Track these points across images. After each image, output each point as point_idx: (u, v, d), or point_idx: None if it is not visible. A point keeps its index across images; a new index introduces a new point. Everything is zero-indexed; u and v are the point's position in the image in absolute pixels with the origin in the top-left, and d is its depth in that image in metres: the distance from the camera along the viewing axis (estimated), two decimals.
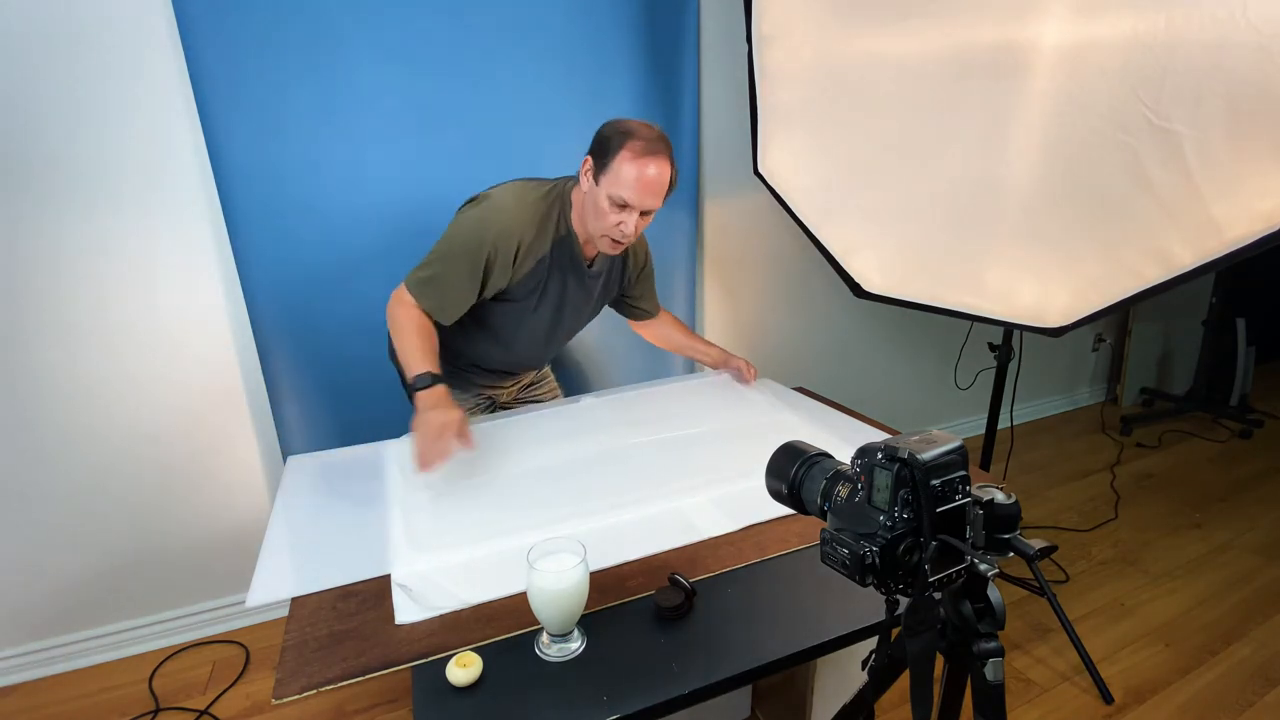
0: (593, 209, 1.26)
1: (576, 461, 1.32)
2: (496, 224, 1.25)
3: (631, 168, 1.19)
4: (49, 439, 1.61)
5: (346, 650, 0.84)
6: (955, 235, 1.64)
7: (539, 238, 1.30)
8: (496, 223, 1.25)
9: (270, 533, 1.10)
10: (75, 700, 1.65)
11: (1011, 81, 1.41)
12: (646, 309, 1.64)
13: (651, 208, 1.25)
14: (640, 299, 1.61)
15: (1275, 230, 1.16)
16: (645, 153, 1.20)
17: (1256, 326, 3.12)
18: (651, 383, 1.74)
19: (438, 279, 1.26)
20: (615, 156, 1.20)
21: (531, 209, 1.29)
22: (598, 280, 1.44)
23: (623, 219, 1.24)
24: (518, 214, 1.27)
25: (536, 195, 1.31)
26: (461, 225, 1.27)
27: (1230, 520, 2.32)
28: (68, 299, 1.56)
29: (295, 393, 1.77)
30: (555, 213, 1.31)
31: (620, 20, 1.86)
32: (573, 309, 1.44)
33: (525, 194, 1.30)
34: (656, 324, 1.69)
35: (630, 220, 1.24)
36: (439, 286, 1.26)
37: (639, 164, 1.19)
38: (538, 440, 1.40)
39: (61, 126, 1.47)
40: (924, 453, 0.57)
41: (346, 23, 1.58)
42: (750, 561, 1.01)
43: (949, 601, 0.65)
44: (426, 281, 1.26)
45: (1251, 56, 1.11)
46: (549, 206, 1.31)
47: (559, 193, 1.33)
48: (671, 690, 0.77)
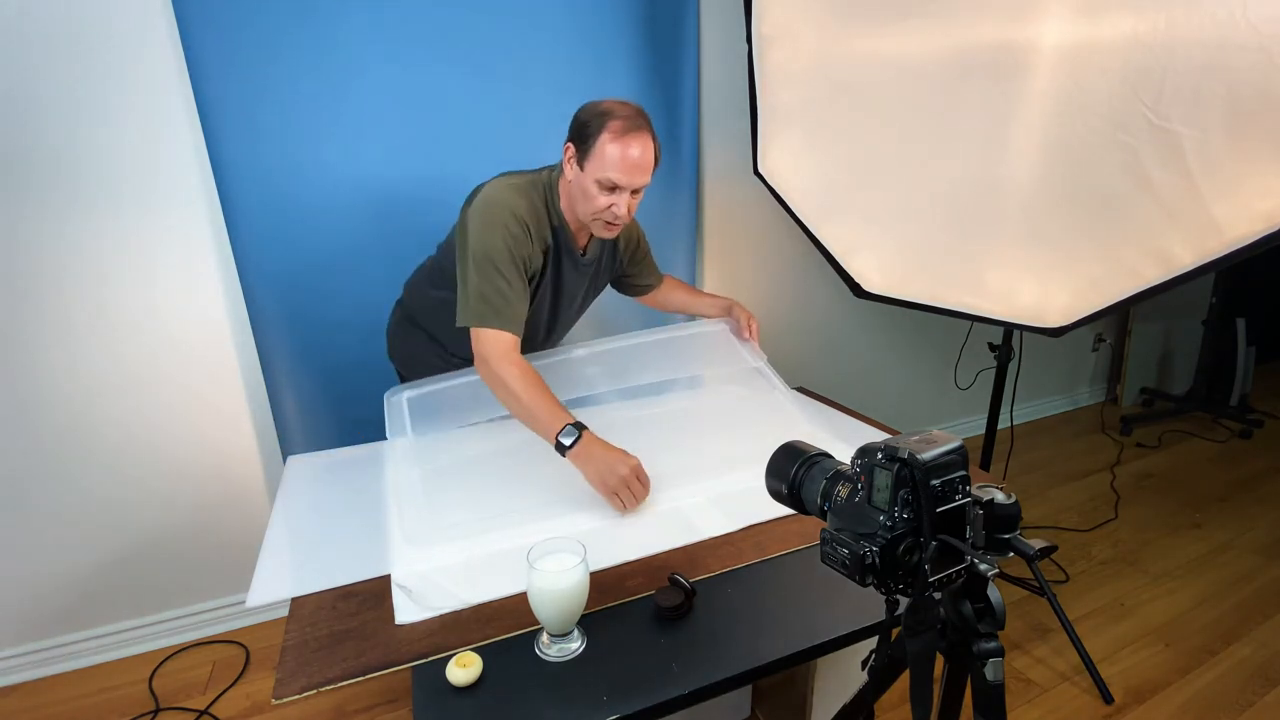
0: (581, 195, 1.23)
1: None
2: (501, 213, 1.22)
3: (615, 148, 1.17)
4: (49, 439, 1.61)
5: (346, 650, 0.84)
6: (955, 235, 1.64)
7: (539, 223, 1.28)
8: (501, 213, 1.22)
9: (270, 533, 1.10)
10: (75, 700, 1.65)
11: (1012, 82, 1.41)
12: (648, 283, 1.61)
13: (640, 185, 1.23)
14: (639, 276, 1.59)
15: (1275, 230, 1.16)
16: (626, 131, 1.17)
17: (1256, 326, 3.12)
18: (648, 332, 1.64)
19: (488, 293, 1.20)
20: (597, 139, 1.18)
21: (525, 198, 1.26)
22: (590, 268, 1.42)
23: (614, 200, 1.21)
24: (516, 201, 1.24)
25: (524, 184, 1.28)
26: (474, 231, 1.22)
27: (1230, 520, 2.32)
28: (68, 299, 1.56)
29: (295, 393, 1.77)
30: (543, 201, 1.29)
31: (620, 20, 1.86)
32: (569, 299, 1.43)
33: (512, 182, 1.28)
34: (661, 292, 1.65)
35: (622, 201, 1.21)
36: (495, 297, 1.20)
37: (622, 143, 1.17)
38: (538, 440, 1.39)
39: (61, 126, 1.47)
40: (924, 453, 0.57)
41: (346, 21, 1.58)
42: (750, 561, 1.01)
43: (949, 601, 0.64)
44: (487, 306, 1.20)
45: (1251, 56, 1.11)
46: (538, 197, 1.29)
47: (544, 183, 1.30)
48: (671, 690, 0.77)
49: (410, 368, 1.51)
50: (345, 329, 1.73)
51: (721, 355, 1.61)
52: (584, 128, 1.20)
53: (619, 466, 1.10)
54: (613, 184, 1.19)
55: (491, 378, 1.20)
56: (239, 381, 1.76)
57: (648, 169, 1.22)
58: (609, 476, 1.10)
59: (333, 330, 1.74)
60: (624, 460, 1.12)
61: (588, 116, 1.20)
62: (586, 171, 1.20)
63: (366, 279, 1.72)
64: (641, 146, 1.19)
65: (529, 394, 1.17)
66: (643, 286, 1.62)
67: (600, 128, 1.17)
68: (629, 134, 1.18)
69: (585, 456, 1.12)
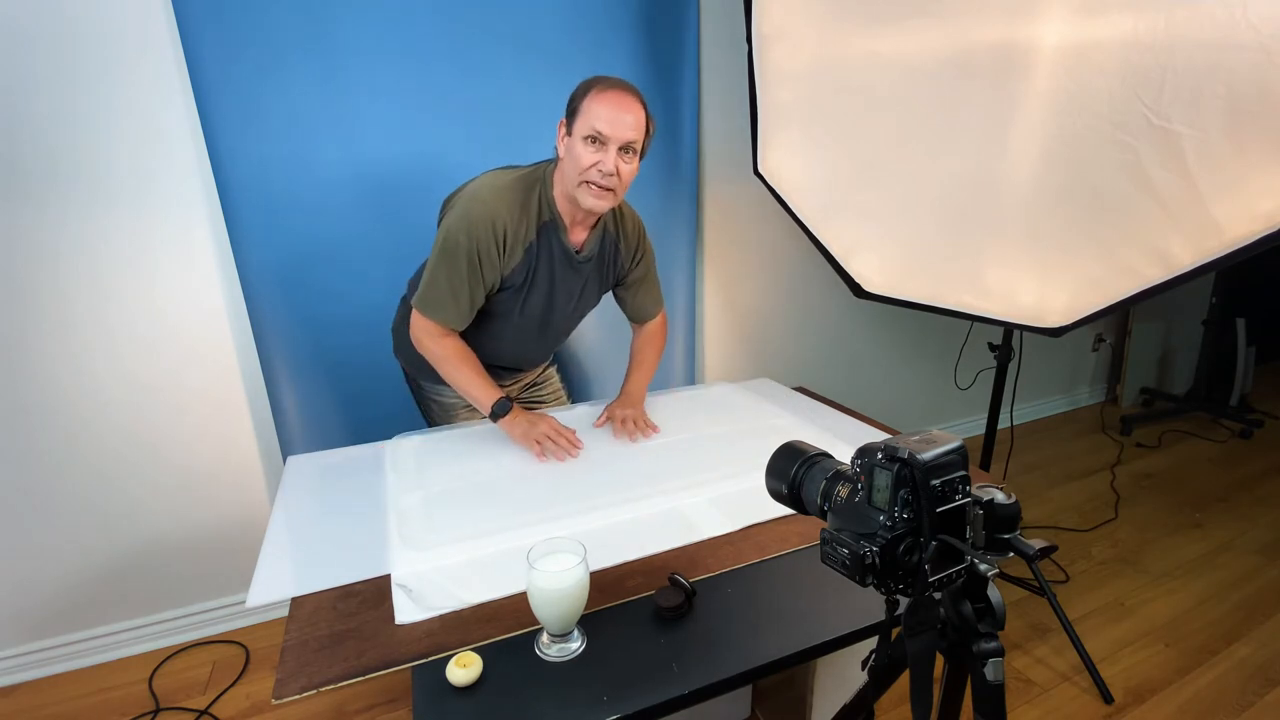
0: (571, 163, 1.22)
1: (576, 461, 1.32)
2: (477, 215, 1.23)
3: (599, 101, 1.19)
4: (49, 439, 1.61)
5: (346, 650, 0.84)
6: (955, 235, 1.64)
7: (522, 223, 1.27)
8: (477, 214, 1.23)
9: (270, 533, 1.10)
10: (75, 700, 1.64)
11: (1012, 81, 1.41)
12: (637, 305, 1.53)
13: (627, 140, 1.20)
14: (633, 293, 1.52)
15: (1275, 230, 1.16)
16: (611, 87, 1.20)
17: (1256, 326, 3.12)
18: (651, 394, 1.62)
19: (440, 290, 1.27)
20: (583, 100, 1.20)
21: (510, 194, 1.26)
22: (588, 265, 1.40)
23: (600, 158, 1.19)
24: (495, 202, 1.25)
25: (512, 179, 1.29)
26: (446, 229, 1.25)
27: (1230, 520, 2.32)
28: (67, 298, 1.56)
29: (295, 393, 1.77)
30: (535, 196, 1.29)
31: (620, 20, 1.86)
32: (565, 297, 1.40)
33: (499, 181, 1.28)
34: (639, 330, 1.59)
35: (608, 158, 1.19)
36: (444, 296, 1.28)
37: (607, 97, 1.19)
38: None
39: (61, 126, 1.47)
40: (924, 453, 0.57)
41: (345, 19, 1.58)
42: (750, 561, 1.01)
43: (949, 601, 0.64)
44: (431, 296, 1.28)
45: (1251, 56, 1.11)
46: (527, 190, 1.29)
47: (537, 176, 1.30)
48: (671, 690, 0.77)
49: (416, 364, 1.50)
50: (345, 328, 1.73)
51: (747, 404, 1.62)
52: (573, 100, 1.24)
53: (539, 423, 1.36)
54: (597, 133, 1.19)
55: (424, 348, 1.35)
56: (239, 381, 1.76)
57: (636, 126, 1.21)
58: (531, 431, 1.34)
59: (333, 329, 1.73)
60: (542, 418, 1.38)
61: (576, 89, 1.24)
62: (574, 133, 1.22)
63: (367, 278, 1.72)
64: (628, 102, 1.21)
65: (465, 367, 1.35)
66: (634, 306, 1.54)
67: (587, 90, 1.22)
68: (614, 89, 1.21)
69: (511, 422, 1.36)
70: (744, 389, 1.72)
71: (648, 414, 1.49)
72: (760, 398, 1.65)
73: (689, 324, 2.25)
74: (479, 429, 1.48)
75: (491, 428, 1.42)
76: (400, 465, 1.31)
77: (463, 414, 1.56)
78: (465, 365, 1.35)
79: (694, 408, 1.59)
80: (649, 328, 1.59)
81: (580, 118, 1.21)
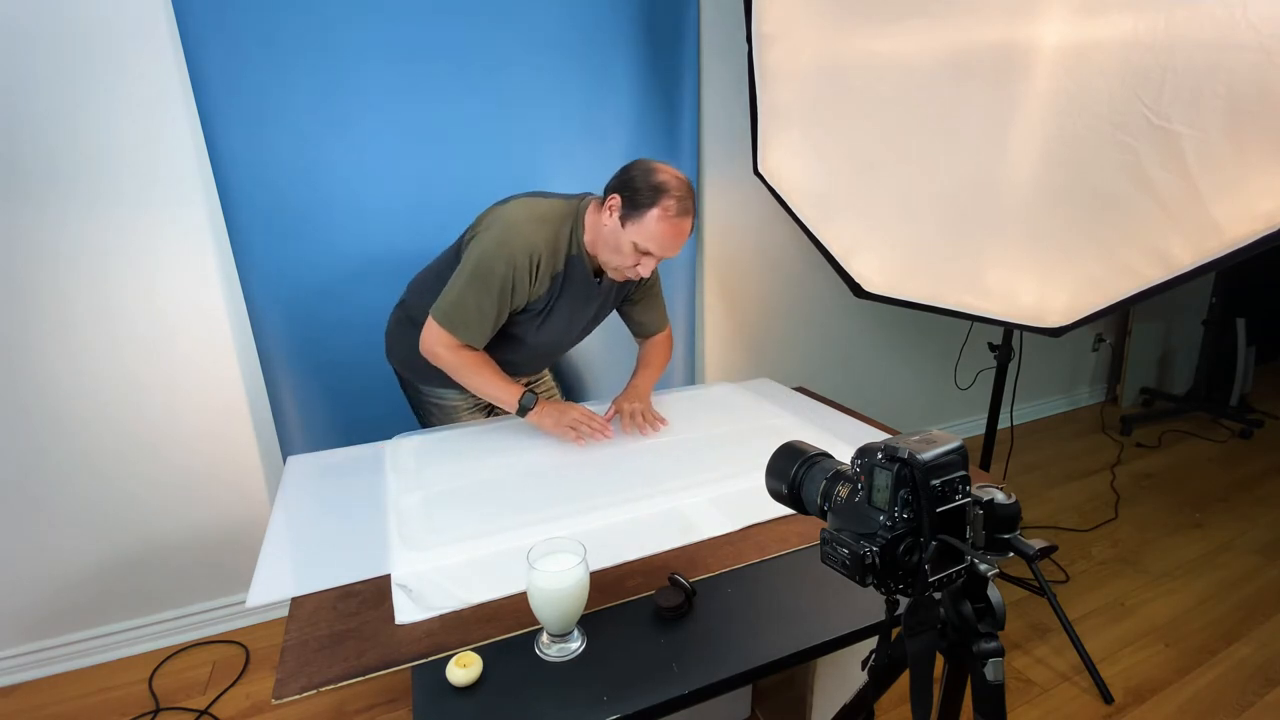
0: (613, 246, 1.29)
1: (575, 462, 1.32)
2: (518, 247, 1.27)
3: (664, 226, 1.23)
4: (49, 439, 1.61)
5: (346, 650, 0.84)
6: (955, 235, 1.64)
7: (554, 255, 1.31)
8: (518, 246, 1.27)
9: (270, 533, 1.10)
10: (75, 700, 1.64)
11: (1012, 82, 1.41)
12: (642, 321, 1.58)
13: (672, 256, 1.31)
14: (640, 310, 1.56)
15: (1275, 230, 1.16)
16: (679, 213, 1.23)
17: (1256, 326, 3.12)
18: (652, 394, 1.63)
19: (468, 311, 1.29)
20: (648, 211, 1.22)
21: (548, 228, 1.30)
22: (604, 289, 1.44)
23: (642, 263, 1.29)
24: (535, 235, 1.28)
25: (550, 211, 1.32)
26: (483, 252, 1.27)
27: (1230, 520, 2.32)
28: (67, 298, 1.56)
29: (295, 393, 1.77)
30: (568, 231, 1.33)
31: (620, 20, 1.86)
32: (578, 321, 1.46)
33: (537, 211, 1.31)
34: (645, 345, 1.62)
35: (649, 265, 1.29)
36: (471, 317, 1.29)
37: (672, 224, 1.23)
38: (537, 440, 1.40)
39: (62, 127, 1.47)
40: (924, 453, 0.57)
41: (348, 24, 1.58)
42: (750, 561, 1.01)
43: (949, 601, 0.64)
44: (459, 315, 1.29)
45: (1251, 56, 1.11)
46: (561, 224, 1.32)
47: (571, 211, 1.34)
48: (671, 690, 0.77)
49: (409, 368, 1.51)
50: (345, 329, 1.73)
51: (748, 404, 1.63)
52: (636, 193, 1.24)
53: (569, 411, 1.38)
54: (649, 252, 1.27)
55: (438, 359, 1.35)
56: (239, 381, 1.76)
57: (683, 245, 1.30)
58: (562, 419, 1.37)
59: (333, 330, 1.73)
60: (571, 406, 1.40)
61: (642, 184, 1.24)
62: (627, 231, 1.25)
63: (367, 280, 1.72)
64: (686, 228, 1.26)
65: (486, 371, 1.36)
66: (638, 323, 1.58)
67: (654, 201, 1.22)
68: (680, 216, 1.24)
69: (540, 414, 1.37)
70: (744, 389, 1.72)
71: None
72: (760, 398, 1.65)
73: (689, 324, 2.25)
74: (479, 429, 1.49)
75: (492, 427, 1.42)
76: (400, 465, 1.31)
77: (465, 415, 1.56)
78: (484, 369, 1.36)
79: (694, 408, 1.59)
80: (656, 338, 1.62)
81: (639, 226, 1.24)
